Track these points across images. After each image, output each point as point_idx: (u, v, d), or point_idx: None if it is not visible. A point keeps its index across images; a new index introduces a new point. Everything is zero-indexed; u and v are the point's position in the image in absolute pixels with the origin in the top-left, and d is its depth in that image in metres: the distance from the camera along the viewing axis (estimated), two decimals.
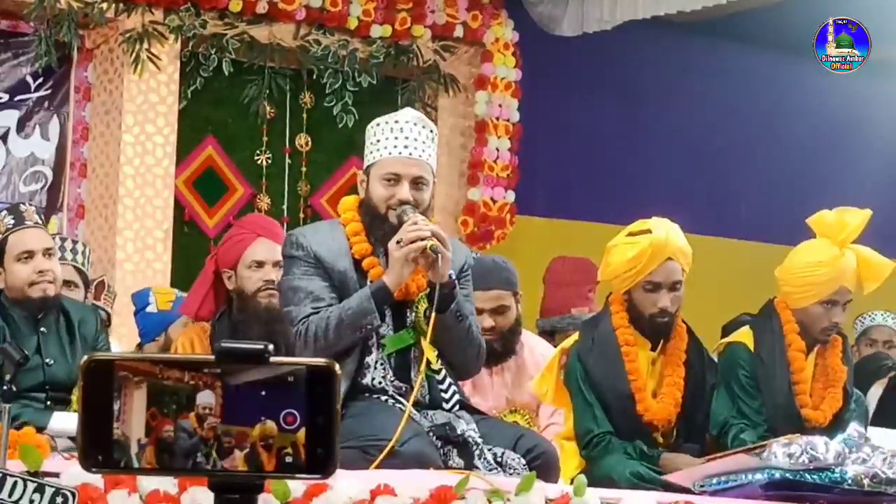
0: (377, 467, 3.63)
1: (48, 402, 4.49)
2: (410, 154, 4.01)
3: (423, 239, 3.86)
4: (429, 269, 3.92)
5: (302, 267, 4.01)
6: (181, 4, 7.63)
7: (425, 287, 3.99)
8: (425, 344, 3.94)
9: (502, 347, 4.92)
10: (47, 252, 4.65)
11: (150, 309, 5.56)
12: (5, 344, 4.05)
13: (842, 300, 4.62)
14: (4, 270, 4.63)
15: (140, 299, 5.76)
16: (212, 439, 1.33)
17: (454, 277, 3.96)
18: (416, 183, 4.01)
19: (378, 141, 4.04)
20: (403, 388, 3.98)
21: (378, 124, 4.08)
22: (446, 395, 4.01)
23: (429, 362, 3.97)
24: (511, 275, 5.01)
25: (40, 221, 4.92)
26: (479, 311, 4.76)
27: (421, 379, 3.93)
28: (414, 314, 4.02)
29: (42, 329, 4.64)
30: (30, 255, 4.61)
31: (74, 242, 5.81)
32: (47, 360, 4.56)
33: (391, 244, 3.91)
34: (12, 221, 4.66)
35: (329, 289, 3.99)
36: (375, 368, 3.99)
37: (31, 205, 5.54)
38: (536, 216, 8.91)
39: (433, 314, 3.88)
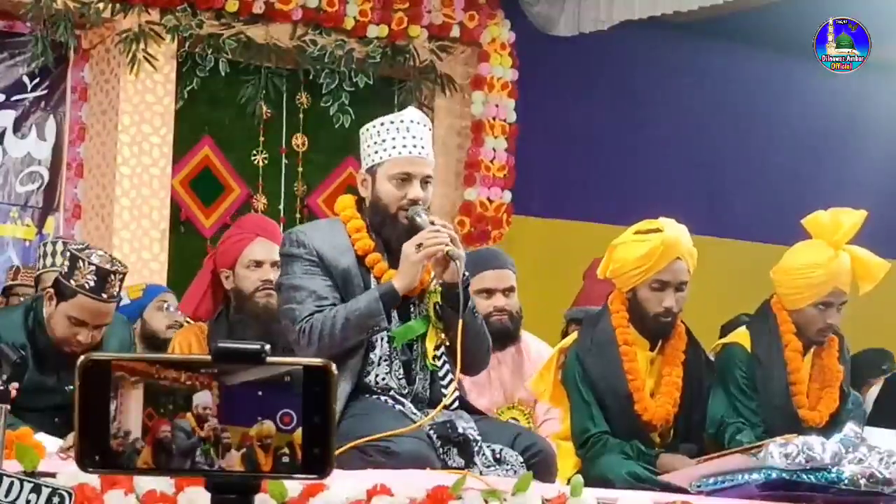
0: (344, 455, 3.62)
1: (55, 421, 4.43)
2: (420, 154, 4.02)
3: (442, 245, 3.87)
4: (441, 270, 3.92)
5: (304, 266, 3.98)
6: (178, 4, 7.62)
7: (429, 283, 3.98)
8: (430, 342, 3.95)
9: (513, 328, 4.96)
10: None
11: (124, 303, 5.56)
12: (1, 344, 4.03)
13: (836, 302, 4.61)
14: None
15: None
16: (209, 439, 1.33)
17: (467, 274, 3.98)
18: (424, 182, 4.03)
19: (384, 140, 4.03)
20: (407, 389, 3.98)
21: (383, 123, 4.06)
22: (447, 392, 4.00)
23: (439, 357, 4.00)
24: (512, 262, 5.08)
25: None
26: (492, 291, 4.88)
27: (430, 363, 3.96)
28: (419, 308, 4.01)
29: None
30: None
31: (71, 243, 5.80)
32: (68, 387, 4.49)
33: (407, 246, 3.89)
34: None
35: (331, 288, 3.97)
36: (379, 365, 3.98)
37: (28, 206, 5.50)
38: (533, 216, 8.90)
39: (462, 318, 3.88)
